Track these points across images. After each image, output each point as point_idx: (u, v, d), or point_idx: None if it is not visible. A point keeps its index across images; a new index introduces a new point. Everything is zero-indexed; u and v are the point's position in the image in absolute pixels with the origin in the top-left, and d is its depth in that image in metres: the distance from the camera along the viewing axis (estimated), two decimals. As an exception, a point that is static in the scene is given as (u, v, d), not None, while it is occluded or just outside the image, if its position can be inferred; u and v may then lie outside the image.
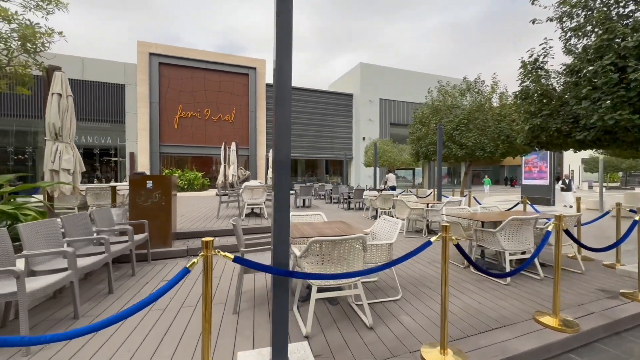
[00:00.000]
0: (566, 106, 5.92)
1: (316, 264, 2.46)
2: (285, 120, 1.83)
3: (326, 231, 3.05)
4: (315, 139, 26.15)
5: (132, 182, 4.65)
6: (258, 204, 6.97)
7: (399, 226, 3.29)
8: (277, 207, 1.83)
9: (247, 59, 23.51)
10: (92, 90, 20.25)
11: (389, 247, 3.10)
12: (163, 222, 4.73)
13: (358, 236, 2.46)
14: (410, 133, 9.91)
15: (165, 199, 4.74)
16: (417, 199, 7.53)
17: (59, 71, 5.37)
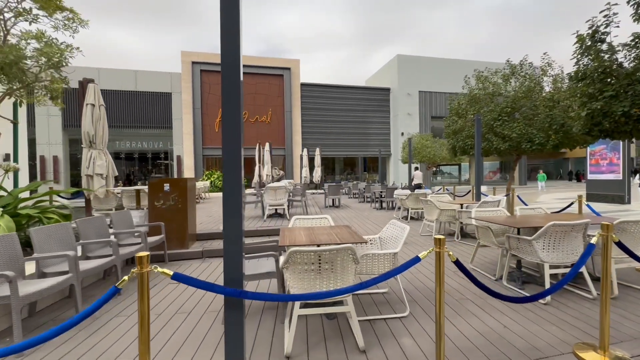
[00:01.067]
0: (637, 85, 4.90)
1: (299, 276, 2.21)
2: (235, 115, 1.62)
3: (321, 238, 2.78)
4: (351, 136, 25.68)
5: (151, 185, 4.82)
6: (280, 204, 6.89)
7: (406, 232, 2.89)
8: (227, 212, 1.62)
9: (281, 60, 23.87)
10: (144, 100, 22.14)
11: (392, 257, 2.74)
12: (180, 224, 4.83)
13: (344, 247, 2.16)
14: (446, 126, 9.07)
15: (182, 202, 4.85)
16: (449, 199, 6.84)
17: (92, 83, 5.79)
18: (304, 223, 3.67)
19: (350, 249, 2.17)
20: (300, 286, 2.22)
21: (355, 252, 2.21)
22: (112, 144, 23.93)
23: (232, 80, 1.63)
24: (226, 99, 1.65)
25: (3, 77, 3.72)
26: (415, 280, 3.75)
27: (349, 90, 25.83)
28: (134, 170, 26.25)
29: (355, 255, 2.22)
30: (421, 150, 16.91)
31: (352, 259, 2.24)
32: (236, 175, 1.62)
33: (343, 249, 2.16)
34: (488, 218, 3.87)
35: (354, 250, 2.19)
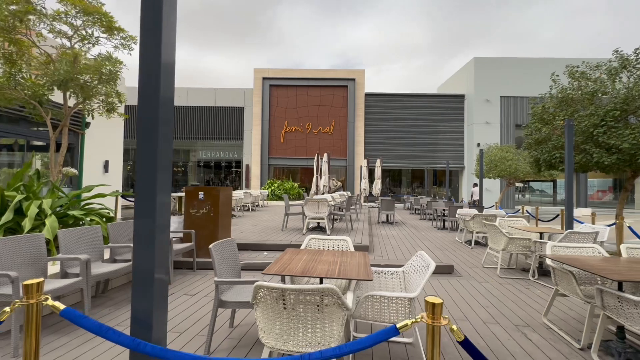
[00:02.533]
0: None
1: (269, 319, 1.76)
2: (151, 112, 1.30)
3: (319, 268, 2.27)
4: (419, 147, 23.99)
5: (187, 192, 4.96)
6: (320, 218, 6.51)
7: (430, 271, 2.17)
8: (137, 232, 1.29)
9: (345, 71, 23.91)
10: (221, 114, 24.57)
11: (408, 303, 2.06)
12: (211, 233, 4.83)
13: (322, 288, 1.63)
14: (526, 135, 7.45)
15: (214, 210, 4.86)
16: (525, 224, 5.47)
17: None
18: (317, 244, 3.19)
19: (331, 292, 1.64)
20: (271, 332, 1.77)
21: (340, 297, 1.66)
22: (195, 153, 27.16)
23: (150, 71, 1.33)
24: (142, 93, 1.35)
25: (72, 91, 4.29)
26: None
27: (417, 99, 24.33)
28: (212, 177, 29.27)
29: (341, 299, 1.67)
30: (499, 163, 14.62)
31: (336, 305, 1.69)
32: (150, 183, 1.30)
33: (318, 290, 1.64)
34: (571, 259, 2.80)
35: (337, 292, 1.64)
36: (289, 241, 5.73)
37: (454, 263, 5.40)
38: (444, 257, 5.76)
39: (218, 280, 2.39)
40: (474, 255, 6.04)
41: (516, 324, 3.01)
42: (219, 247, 2.53)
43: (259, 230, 7.20)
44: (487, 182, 22.20)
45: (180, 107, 24.23)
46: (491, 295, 3.80)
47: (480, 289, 4.06)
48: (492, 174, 15.21)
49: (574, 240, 4.05)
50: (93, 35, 4.31)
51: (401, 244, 6.32)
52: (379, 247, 5.95)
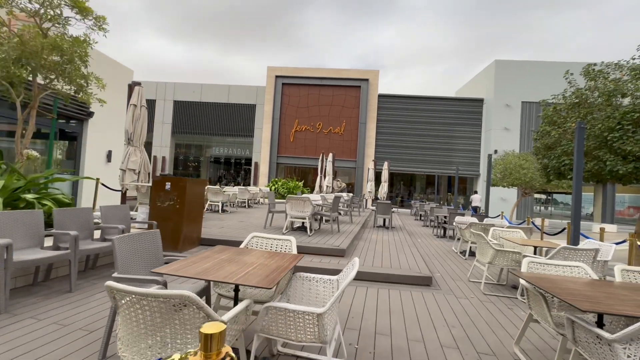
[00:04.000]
0: None
1: (128, 327, 1.46)
2: None
3: (229, 269, 1.94)
4: (433, 151, 23.15)
5: (154, 182, 4.78)
6: (302, 217, 6.18)
7: (345, 283, 1.80)
8: None
9: (359, 71, 23.46)
10: (233, 111, 24.74)
11: (316, 319, 1.69)
12: (176, 225, 4.62)
13: (175, 294, 1.31)
14: (535, 139, 6.78)
15: (180, 202, 4.65)
16: (522, 236, 4.89)
17: (138, 86, 6.28)
18: (260, 243, 2.87)
19: (188, 299, 1.31)
20: (129, 344, 1.46)
21: (203, 306, 1.33)
22: (208, 149, 27.53)
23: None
24: None
25: (40, 71, 4.21)
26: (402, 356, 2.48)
27: (433, 102, 23.49)
28: (224, 173, 29.58)
29: (205, 311, 1.34)
30: (514, 171, 13.73)
31: (202, 317, 1.36)
32: None
33: (171, 296, 1.31)
34: (540, 278, 2.33)
35: (195, 300, 1.31)
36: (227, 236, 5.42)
37: (438, 274, 4.93)
38: (429, 267, 5.28)
39: (117, 276, 2.12)
40: (464, 267, 5.52)
41: (480, 352, 2.55)
42: (126, 240, 2.26)
43: (241, 227, 6.96)
44: (504, 191, 21.08)
45: (194, 102, 24.62)
46: (464, 314, 3.34)
47: (455, 305, 3.59)
48: (505, 182, 14.32)
49: (568, 258, 3.51)
50: (62, 15, 4.23)
51: (386, 251, 5.88)
52: (358, 252, 5.54)
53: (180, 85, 24.82)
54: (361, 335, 2.70)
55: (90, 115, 10.68)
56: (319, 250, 5.12)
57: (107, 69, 11.00)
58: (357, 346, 2.49)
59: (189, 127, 24.86)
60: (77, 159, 10.81)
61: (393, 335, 2.73)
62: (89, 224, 3.89)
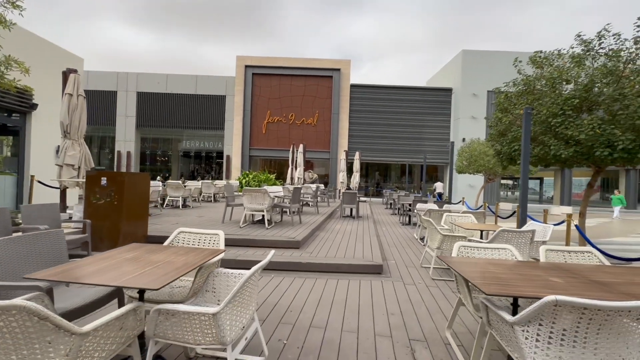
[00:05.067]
0: None
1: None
2: None
3: (122, 270, 1.75)
4: (405, 141, 23.49)
5: (88, 177, 4.41)
6: (259, 210, 6.00)
7: (245, 278, 1.67)
8: None
9: (331, 61, 23.21)
10: (202, 102, 23.80)
11: (212, 319, 1.55)
12: (114, 224, 4.31)
13: (6, 305, 1.12)
14: (490, 126, 6.96)
15: (118, 199, 4.32)
16: (473, 221, 5.00)
17: (74, 73, 5.76)
18: (186, 238, 2.68)
19: (19, 308, 1.12)
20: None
21: (48, 316, 1.15)
22: (178, 143, 26.43)
23: None
24: None
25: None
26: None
27: (404, 91, 23.74)
28: (197, 168, 28.60)
29: (51, 320, 1.16)
30: (478, 158, 14.18)
31: (48, 328, 1.18)
32: None
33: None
34: (456, 261, 2.32)
35: (36, 310, 1.13)
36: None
37: (393, 261, 4.96)
38: (385, 255, 5.30)
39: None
40: (421, 253, 5.59)
41: (412, 338, 2.54)
42: (12, 242, 2.00)
43: (199, 222, 6.68)
44: (471, 178, 21.85)
45: (159, 94, 23.40)
46: (407, 301, 3.33)
47: (401, 292, 3.59)
48: (471, 169, 14.78)
49: (506, 240, 3.59)
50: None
51: (344, 241, 5.84)
52: (315, 243, 5.47)
53: (144, 75, 23.48)
54: (294, 329, 2.60)
55: (34, 108, 9.80)
56: (273, 243, 4.99)
57: (51, 57, 10.12)
58: (285, 342, 2.40)
59: (155, 120, 23.67)
60: (22, 155, 9.94)
61: (328, 328, 2.66)
62: (5, 225, 3.51)
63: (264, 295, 3.32)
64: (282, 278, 3.90)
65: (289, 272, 4.14)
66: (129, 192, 4.42)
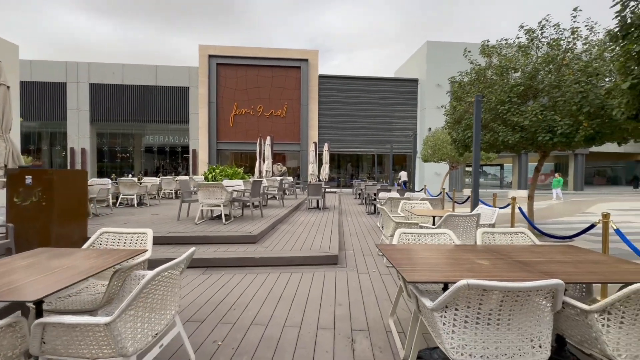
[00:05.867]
0: None
1: None
2: None
3: (13, 278, 1.52)
4: (374, 131, 23.75)
5: (10, 176, 3.95)
6: (216, 205, 5.74)
7: (147, 279, 1.50)
8: None
9: (298, 51, 22.76)
10: (164, 94, 22.54)
11: (105, 330, 1.37)
12: (43, 226, 3.90)
13: None
14: (445, 114, 7.14)
15: (47, 199, 3.91)
16: (428, 207, 5.11)
17: (-6, 61, 5.11)
18: (109, 239, 2.44)
19: None
20: None
21: None
22: (140, 137, 24.92)
23: None
24: None
25: None
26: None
27: (372, 82, 23.90)
28: (162, 164, 27.17)
29: None
30: (440, 147, 14.64)
31: None
32: None
33: None
34: (388, 249, 2.30)
35: None
36: (165, 233, 4.92)
37: (351, 251, 4.95)
38: (345, 245, 5.28)
39: None
40: (380, 241, 5.64)
41: (355, 328, 2.50)
42: None
43: (151, 221, 6.29)
44: (437, 166, 22.63)
45: (115, 85, 21.81)
46: (357, 290, 3.31)
47: (353, 281, 3.57)
48: (435, 158, 15.26)
49: (455, 224, 3.67)
50: None
51: (305, 233, 5.76)
52: (274, 237, 5.34)
53: (97, 65, 21.76)
54: (234, 328, 2.47)
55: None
56: (227, 238, 4.79)
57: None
58: (220, 343, 2.26)
59: (111, 113, 22.11)
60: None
61: (270, 324, 2.55)
62: None
63: (207, 294, 3.15)
64: (233, 275, 3.74)
65: (241, 268, 3.99)
66: (61, 191, 4.02)
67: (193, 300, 3.00)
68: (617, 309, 1.42)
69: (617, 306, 1.42)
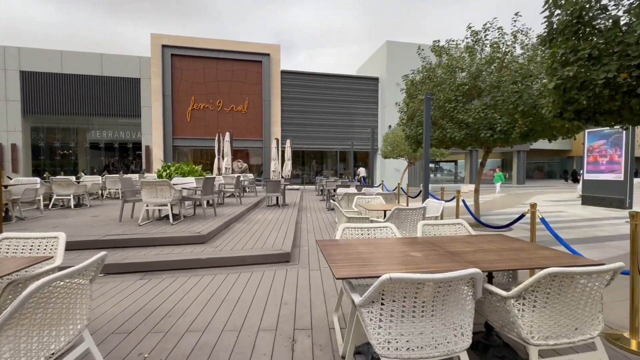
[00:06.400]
0: (630, 35, 3.26)
1: None
2: None
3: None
4: (337, 128, 23.94)
5: None
6: (162, 204, 5.35)
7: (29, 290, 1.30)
8: None
9: (260, 45, 22.19)
10: (112, 86, 20.73)
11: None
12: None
13: None
14: (400, 111, 7.38)
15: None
16: (381, 202, 5.21)
17: None
18: (12, 246, 2.11)
19: None
20: None
21: None
22: (86, 134, 22.69)
23: None
24: None
25: None
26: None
27: (334, 79, 24.06)
28: (112, 161, 25.02)
29: None
30: (400, 143, 15.16)
31: None
32: None
33: None
34: (330, 246, 2.27)
35: None
36: (100, 236, 4.48)
37: (306, 247, 4.89)
38: (300, 241, 5.21)
39: None
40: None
41: (298, 327, 2.43)
42: None
43: (88, 223, 5.71)
44: (397, 162, 23.46)
45: (53, 74, 19.58)
46: (306, 288, 3.25)
47: (303, 279, 3.50)
48: (394, 155, 15.77)
49: (401, 217, 3.75)
50: None
51: (260, 231, 5.59)
52: (226, 236, 5.11)
53: (29, 51, 19.38)
54: (165, 337, 2.27)
55: None
56: (173, 240, 4.48)
57: None
58: (147, 355, 2.06)
59: (48, 105, 19.86)
60: None
61: (208, 330, 2.39)
62: None
63: (142, 302, 2.89)
64: (175, 279, 3.48)
65: (185, 271, 3.74)
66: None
67: (123, 309, 2.73)
68: (531, 293, 1.49)
69: (530, 291, 1.48)
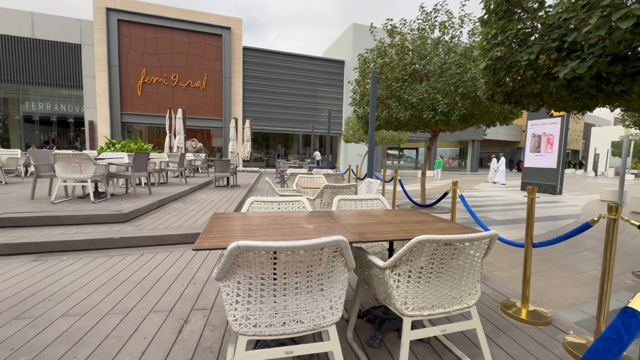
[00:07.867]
0: (552, 18, 3.29)
1: None
2: None
3: None
4: (301, 111, 23.46)
5: None
6: (82, 180, 4.80)
7: None
8: None
9: (219, 17, 20.74)
10: (45, 51, 18.36)
11: None
12: None
13: None
14: (352, 91, 7.25)
15: None
16: (324, 181, 5.11)
17: None
18: None
19: None
20: None
21: None
22: (17, 105, 20.03)
23: None
24: None
25: None
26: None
27: (300, 60, 23.34)
28: (54, 137, 22.48)
29: None
30: (360, 127, 15.19)
31: None
32: None
33: None
34: (237, 217, 2.08)
35: None
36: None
37: (241, 228, 4.65)
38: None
39: None
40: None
41: (198, 308, 2.24)
42: None
43: (9, 200, 5.00)
44: (359, 147, 23.69)
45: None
46: (224, 267, 3.05)
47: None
48: (354, 139, 15.81)
49: (329, 194, 3.66)
50: None
51: (196, 210, 5.26)
52: (155, 216, 4.72)
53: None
54: (31, 324, 1.97)
55: None
56: (88, 218, 4.03)
57: None
58: (-4, 344, 1.75)
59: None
60: None
61: (89, 314, 2.12)
62: None
63: (21, 286, 2.52)
64: (78, 259, 3.11)
65: (93, 251, 3.37)
66: None
67: (-7, 294, 2.35)
68: (405, 263, 1.41)
69: (404, 260, 1.40)
